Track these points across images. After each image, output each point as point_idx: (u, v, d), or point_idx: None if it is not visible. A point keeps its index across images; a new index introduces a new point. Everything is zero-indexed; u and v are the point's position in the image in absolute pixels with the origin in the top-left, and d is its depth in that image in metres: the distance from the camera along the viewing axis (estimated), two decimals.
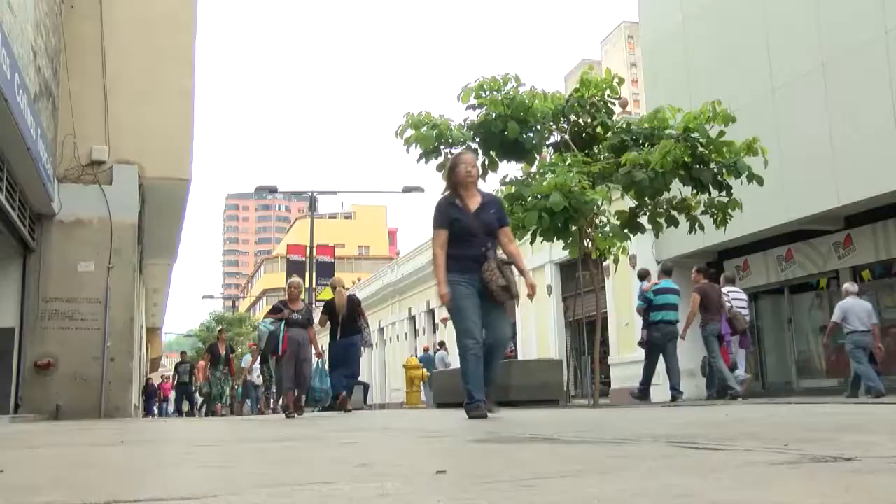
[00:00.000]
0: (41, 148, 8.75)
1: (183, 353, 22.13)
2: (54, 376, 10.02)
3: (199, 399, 21.47)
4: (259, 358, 16.36)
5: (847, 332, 10.87)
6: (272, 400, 16.68)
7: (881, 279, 13.52)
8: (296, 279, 10.26)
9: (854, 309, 10.92)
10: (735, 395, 9.95)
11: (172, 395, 25.45)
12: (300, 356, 9.33)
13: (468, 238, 5.43)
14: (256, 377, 19.03)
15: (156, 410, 28.37)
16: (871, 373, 10.51)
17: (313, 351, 9.68)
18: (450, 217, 5.50)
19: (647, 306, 10.65)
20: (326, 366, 10.37)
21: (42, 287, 10.25)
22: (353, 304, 10.62)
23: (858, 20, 12.09)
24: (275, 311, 9.61)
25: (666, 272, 11.02)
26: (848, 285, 11.65)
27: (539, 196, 9.68)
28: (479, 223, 5.49)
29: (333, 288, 11.59)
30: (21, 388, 9.87)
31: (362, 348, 10.65)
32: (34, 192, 9.41)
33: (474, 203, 5.60)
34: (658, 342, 10.57)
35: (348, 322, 10.33)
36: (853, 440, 2.36)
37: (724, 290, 11.23)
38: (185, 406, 21.56)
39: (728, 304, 10.98)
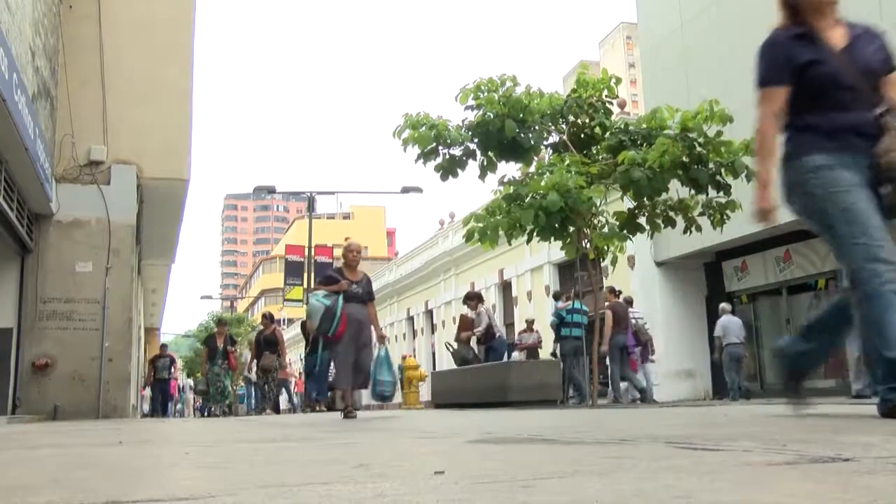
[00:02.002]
0: (39, 148, 8.75)
1: (163, 347, 19.38)
2: (52, 377, 10.02)
3: (193, 397, 20.39)
4: (255, 354, 14.95)
5: (725, 344, 13.01)
6: (270, 400, 15.45)
7: None
8: (355, 242, 8.02)
9: (730, 325, 13.20)
10: (617, 399, 11.98)
11: (147, 392, 23.06)
12: (360, 340, 7.41)
13: (839, 94, 3.19)
14: (253, 374, 17.91)
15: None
16: (736, 380, 13.00)
17: (374, 334, 7.77)
18: (797, 61, 3.26)
19: (560, 323, 12.25)
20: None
21: (40, 287, 10.25)
22: None
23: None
24: (329, 281, 7.59)
25: (576, 295, 12.65)
26: (724, 305, 13.62)
27: (536, 195, 9.68)
28: (855, 67, 3.23)
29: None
30: (19, 389, 9.86)
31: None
32: (32, 192, 9.41)
33: (838, 37, 3.34)
34: (567, 353, 12.15)
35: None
36: (851, 440, 2.36)
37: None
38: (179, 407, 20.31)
39: (633, 320, 12.71)
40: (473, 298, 13.13)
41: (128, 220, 10.88)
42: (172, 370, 18.43)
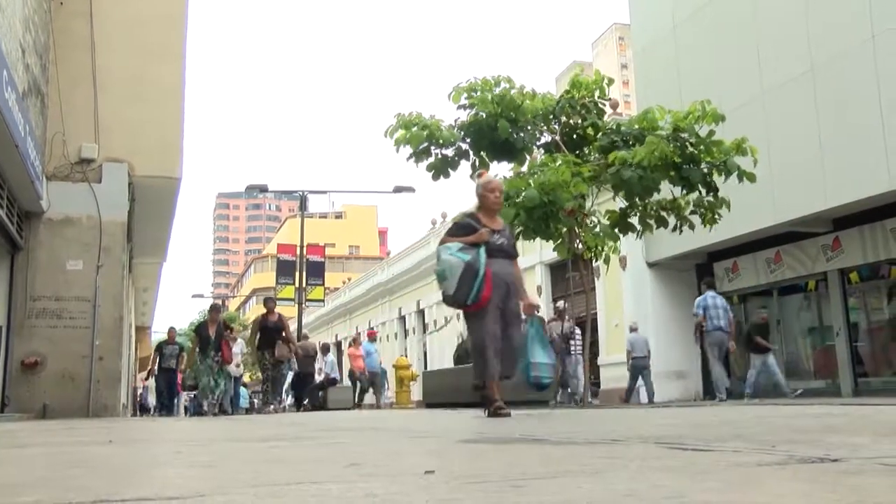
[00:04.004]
0: (30, 146, 8.70)
1: (171, 330, 16.80)
2: (42, 375, 9.96)
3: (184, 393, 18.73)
4: (258, 343, 13.01)
5: (633, 357, 14.84)
6: (271, 397, 13.47)
7: (868, 281, 13.62)
8: (496, 179, 6.07)
9: (637, 341, 15.00)
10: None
11: (151, 383, 20.95)
12: (510, 309, 5.60)
13: None
14: (235, 366, 15.21)
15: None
16: (645, 388, 15.00)
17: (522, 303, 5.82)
18: None
19: None
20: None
21: (30, 285, 10.19)
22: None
23: (847, 25, 12.17)
24: (463, 229, 5.75)
25: None
26: (632, 324, 15.50)
27: (519, 192, 9.68)
28: None
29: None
30: (8, 387, 9.80)
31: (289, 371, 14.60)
32: (22, 190, 9.36)
33: None
34: None
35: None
36: (839, 441, 2.37)
37: (553, 324, 14.57)
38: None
39: (549, 332, 14.47)
40: None
41: (119, 219, 10.83)
42: (180, 360, 15.62)
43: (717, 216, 10.46)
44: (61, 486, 1.93)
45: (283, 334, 13.03)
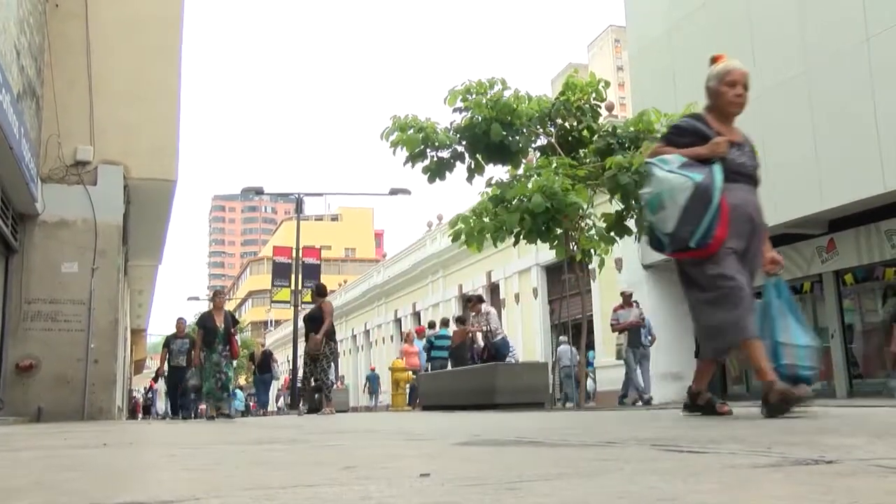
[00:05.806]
0: (24, 148, 8.68)
1: (180, 322, 14.96)
2: (36, 378, 9.94)
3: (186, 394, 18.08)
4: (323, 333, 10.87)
5: (562, 366, 15.24)
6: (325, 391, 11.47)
7: (863, 283, 13.65)
8: (738, 68, 4.43)
9: (564, 353, 15.73)
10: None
11: (160, 385, 19.95)
12: (750, 257, 3.98)
13: None
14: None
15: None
16: (566, 391, 15.35)
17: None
18: None
19: (430, 346, 15.72)
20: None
21: (25, 288, 10.17)
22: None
23: (841, 27, 12.21)
24: (686, 134, 4.11)
25: (444, 323, 16.04)
26: (562, 337, 16.22)
27: (522, 198, 9.71)
28: None
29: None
30: (2, 390, 9.78)
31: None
32: (17, 192, 9.34)
33: None
34: (436, 370, 14.98)
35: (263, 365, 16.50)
36: (834, 443, 2.37)
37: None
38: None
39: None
40: (471, 300, 13.20)
41: (114, 221, 10.82)
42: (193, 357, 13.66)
43: None
44: (55, 489, 1.92)
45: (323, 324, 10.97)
